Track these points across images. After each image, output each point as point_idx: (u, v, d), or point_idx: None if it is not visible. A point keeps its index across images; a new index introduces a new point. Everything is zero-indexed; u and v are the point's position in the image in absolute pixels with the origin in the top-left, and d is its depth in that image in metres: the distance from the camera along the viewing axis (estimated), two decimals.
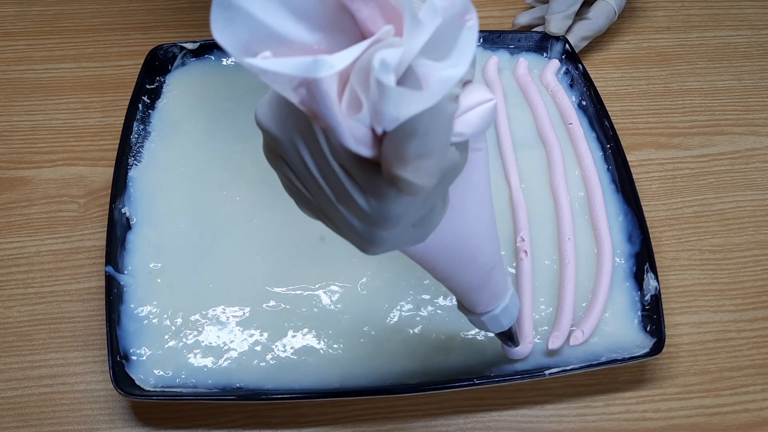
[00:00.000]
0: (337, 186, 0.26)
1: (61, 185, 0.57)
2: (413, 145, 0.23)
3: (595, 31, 0.65)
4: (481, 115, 0.27)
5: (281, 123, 0.26)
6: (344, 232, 0.29)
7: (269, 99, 0.26)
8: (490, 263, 0.36)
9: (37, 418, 0.48)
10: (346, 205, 0.26)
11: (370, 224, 0.27)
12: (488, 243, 0.35)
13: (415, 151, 0.23)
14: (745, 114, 0.64)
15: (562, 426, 0.48)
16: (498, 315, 0.40)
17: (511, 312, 0.41)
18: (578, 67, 0.61)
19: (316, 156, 0.25)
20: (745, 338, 0.52)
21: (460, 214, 0.32)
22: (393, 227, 0.27)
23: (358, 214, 0.26)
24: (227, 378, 0.47)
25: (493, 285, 0.38)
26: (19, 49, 0.66)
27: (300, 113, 0.24)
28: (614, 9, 0.65)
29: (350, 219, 0.27)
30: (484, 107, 0.27)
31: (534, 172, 0.57)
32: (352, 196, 0.26)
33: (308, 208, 0.29)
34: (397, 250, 0.31)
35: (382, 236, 0.28)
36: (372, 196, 0.25)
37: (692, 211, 0.58)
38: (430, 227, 0.30)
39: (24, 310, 0.52)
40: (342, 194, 0.26)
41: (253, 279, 0.51)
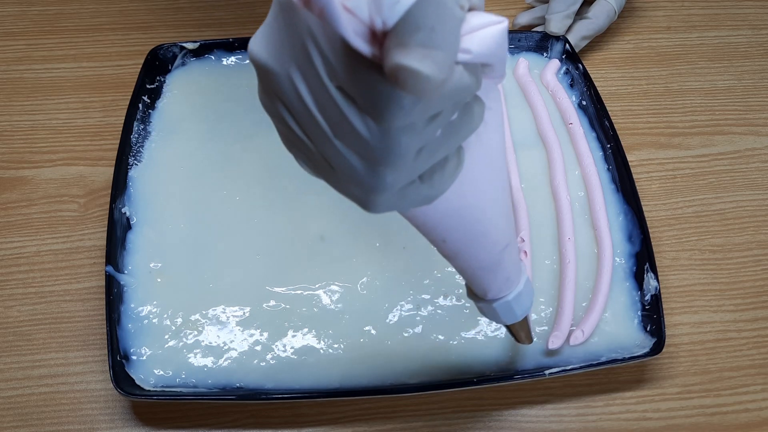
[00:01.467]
0: (334, 115, 0.24)
1: (62, 185, 0.57)
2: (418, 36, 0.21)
3: (595, 31, 0.65)
4: (490, 34, 0.25)
5: (276, 53, 0.25)
6: (345, 184, 0.27)
7: (263, 31, 0.25)
8: (504, 241, 0.34)
9: (38, 418, 0.48)
10: (344, 138, 0.25)
11: (372, 160, 0.25)
12: (502, 217, 0.33)
13: (420, 40, 0.21)
14: (745, 114, 0.64)
15: (562, 426, 0.48)
16: (511, 302, 0.37)
17: (524, 300, 0.38)
18: (578, 67, 0.61)
19: (313, 83, 0.24)
20: (745, 338, 0.52)
21: (472, 178, 0.30)
22: (396, 161, 0.25)
23: (358, 148, 0.25)
24: (227, 378, 0.47)
25: (505, 267, 0.36)
26: (19, 49, 0.66)
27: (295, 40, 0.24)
28: (614, 8, 0.65)
29: (350, 158, 0.26)
30: (494, 28, 0.25)
31: (534, 172, 0.57)
32: (350, 122, 0.24)
33: (307, 159, 0.28)
34: (403, 212, 0.30)
35: (385, 179, 0.26)
36: (372, 113, 0.24)
37: (692, 211, 0.58)
38: (440, 184, 0.28)
39: (24, 309, 0.52)
40: (340, 125, 0.25)
41: (253, 279, 0.51)
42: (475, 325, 0.49)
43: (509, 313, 0.38)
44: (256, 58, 0.25)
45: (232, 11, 0.69)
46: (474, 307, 0.50)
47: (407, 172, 0.26)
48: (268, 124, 0.29)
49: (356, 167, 0.26)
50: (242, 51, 0.62)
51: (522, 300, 0.38)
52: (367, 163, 0.26)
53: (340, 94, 0.24)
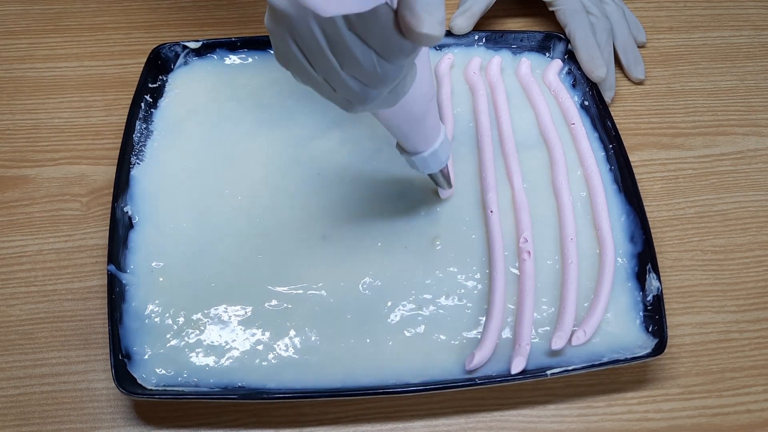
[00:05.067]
0: (346, 55, 0.31)
1: (64, 184, 0.58)
2: (422, 4, 0.29)
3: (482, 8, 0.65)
4: None
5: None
6: (332, 94, 0.34)
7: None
8: (431, 92, 0.43)
9: (39, 417, 0.48)
10: (351, 71, 0.32)
11: (371, 86, 0.33)
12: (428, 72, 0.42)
13: (425, 9, 0.29)
14: (748, 114, 0.64)
15: (563, 426, 0.48)
16: (438, 150, 0.46)
17: (446, 147, 0.47)
18: (580, 67, 0.61)
19: (328, 29, 0.29)
20: (748, 339, 0.52)
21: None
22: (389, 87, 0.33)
23: (364, 77, 0.32)
24: (229, 377, 0.47)
25: (432, 116, 0.44)
26: (21, 48, 0.66)
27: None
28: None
29: (350, 83, 0.32)
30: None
31: (536, 173, 0.57)
32: (360, 62, 0.31)
33: (301, 75, 0.33)
34: None
35: (373, 96, 0.34)
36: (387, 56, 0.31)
37: (694, 212, 0.58)
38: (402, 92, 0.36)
39: (26, 308, 0.52)
40: (350, 62, 0.31)
41: (255, 278, 0.51)
42: (476, 326, 0.49)
43: (437, 160, 0.48)
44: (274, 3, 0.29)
45: (234, 10, 0.69)
46: (475, 307, 0.50)
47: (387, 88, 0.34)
48: (270, 124, 0.30)
49: (353, 88, 0.33)
50: (245, 50, 0.62)
51: (444, 147, 0.47)
52: (364, 85, 0.33)
53: (355, 37, 0.30)
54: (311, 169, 0.56)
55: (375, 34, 0.30)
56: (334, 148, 0.57)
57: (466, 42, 0.64)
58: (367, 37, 0.30)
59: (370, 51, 0.31)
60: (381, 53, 0.31)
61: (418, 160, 0.47)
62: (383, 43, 0.31)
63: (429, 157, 0.47)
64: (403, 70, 0.34)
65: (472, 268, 0.52)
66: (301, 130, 0.57)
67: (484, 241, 0.53)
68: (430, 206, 0.55)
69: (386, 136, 0.53)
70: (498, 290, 0.50)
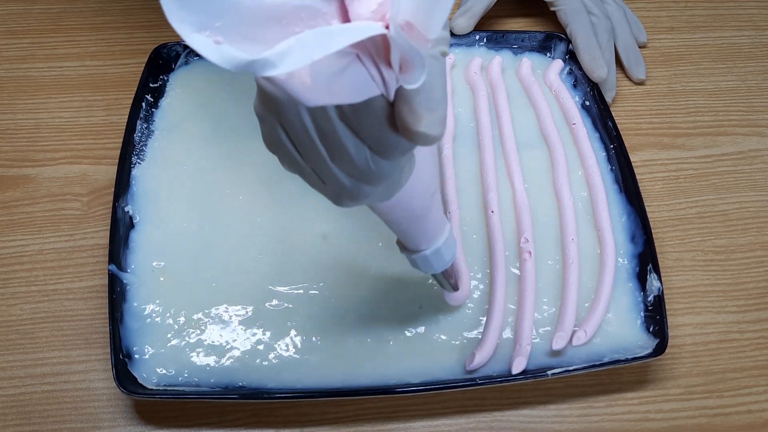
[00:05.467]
0: (337, 147, 0.28)
1: (65, 183, 0.58)
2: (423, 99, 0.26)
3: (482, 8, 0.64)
4: None
5: None
6: (323, 187, 0.31)
7: None
8: (433, 186, 0.38)
9: (40, 416, 0.48)
10: (342, 164, 0.29)
11: (363, 182, 0.30)
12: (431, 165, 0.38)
13: (425, 104, 0.26)
14: (749, 115, 0.64)
15: (564, 426, 0.48)
16: (441, 248, 0.41)
17: (451, 245, 0.42)
18: (581, 67, 0.61)
19: (319, 118, 0.27)
20: (748, 339, 0.52)
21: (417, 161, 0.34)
22: (382, 184, 0.30)
23: (353, 172, 0.29)
24: (229, 377, 0.47)
25: (434, 213, 0.40)
26: (22, 48, 0.66)
27: None
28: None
29: (340, 177, 0.29)
30: None
31: (537, 173, 0.57)
32: (350, 153, 0.28)
33: (289, 163, 0.31)
34: None
35: (365, 192, 0.31)
36: (380, 153, 0.28)
37: (695, 212, 0.58)
38: (398, 187, 0.33)
39: (27, 308, 0.52)
40: (341, 155, 0.28)
41: (255, 278, 0.51)
42: (477, 326, 0.49)
43: (440, 260, 0.42)
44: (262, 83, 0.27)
45: None
46: (476, 307, 0.50)
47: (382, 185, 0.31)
48: None
49: (344, 182, 0.30)
50: None
51: (449, 245, 0.42)
52: (355, 181, 0.30)
53: (348, 129, 0.27)
54: None
55: (368, 127, 0.27)
56: None
57: (467, 42, 0.64)
58: (360, 131, 0.27)
59: (363, 145, 0.28)
60: (375, 148, 0.28)
61: (419, 259, 0.42)
62: (377, 138, 0.28)
63: (431, 255, 0.42)
64: (399, 167, 0.31)
65: (473, 267, 0.52)
66: None
67: (485, 241, 0.53)
68: None
69: None
70: (499, 290, 0.50)
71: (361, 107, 0.26)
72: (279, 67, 0.21)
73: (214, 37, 0.22)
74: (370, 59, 0.25)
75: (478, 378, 0.47)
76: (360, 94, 0.25)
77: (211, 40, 0.22)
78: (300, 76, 0.24)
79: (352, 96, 0.25)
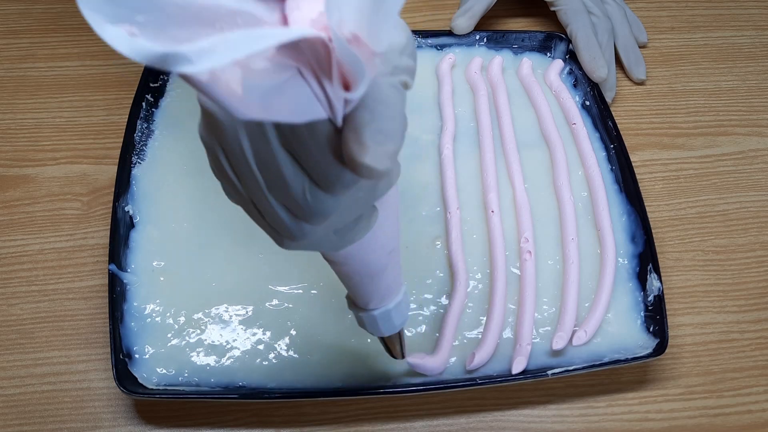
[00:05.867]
0: (274, 175, 0.26)
1: (65, 183, 0.58)
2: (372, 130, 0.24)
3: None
4: None
5: None
6: (263, 223, 0.29)
7: None
8: (391, 245, 0.35)
9: (40, 416, 0.48)
10: (279, 196, 0.27)
11: (301, 217, 0.27)
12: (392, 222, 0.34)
13: (374, 136, 0.24)
14: (749, 115, 0.64)
15: (564, 426, 0.48)
16: (391, 311, 0.38)
17: (403, 310, 0.39)
18: (581, 67, 0.61)
19: (258, 141, 0.25)
20: (748, 339, 0.52)
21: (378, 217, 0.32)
22: (321, 222, 0.27)
23: (292, 206, 0.27)
24: (230, 377, 0.47)
25: (390, 273, 0.36)
26: (23, 47, 0.66)
27: None
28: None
29: (278, 211, 0.27)
30: None
31: (537, 172, 0.57)
32: (289, 185, 0.26)
33: (234, 193, 0.28)
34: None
35: (305, 231, 0.28)
36: (321, 185, 0.26)
37: (696, 212, 0.58)
38: (351, 239, 0.30)
39: (27, 307, 0.52)
40: (278, 184, 0.26)
41: (255, 278, 0.51)
42: (477, 325, 0.49)
43: (388, 323, 0.39)
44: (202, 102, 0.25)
45: None
46: (476, 307, 0.50)
47: (325, 230, 0.29)
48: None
49: (283, 219, 0.27)
50: None
51: (401, 309, 0.39)
52: (294, 217, 0.27)
53: (288, 156, 0.25)
54: None
55: (310, 154, 0.25)
56: None
57: (468, 42, 0.64)
58: (301, 157, 0.25)
59: (303, 175, 0.26)
60: (315, 178, 0.26)
61: (366, 318, 0.39)
62: (319, 167, 0.25)
63: (379, 317, 0.38)
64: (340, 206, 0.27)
65: (473, 267, 0.52)
66: None
67: (485, 241, 0.53)
68: (431, 206, 0.55)
69: None
70: (499, 290, 0.50)
71: (304, 130, 0.24)
72: (196, 63, 0.19)
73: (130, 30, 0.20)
74: (312, 75, 0.23)
75: (478, 378, 0.47)
76: (301, 114, 0.23)
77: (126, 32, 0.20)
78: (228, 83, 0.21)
79: (291, 115, 0.23)
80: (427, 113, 0.60)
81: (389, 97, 0.25)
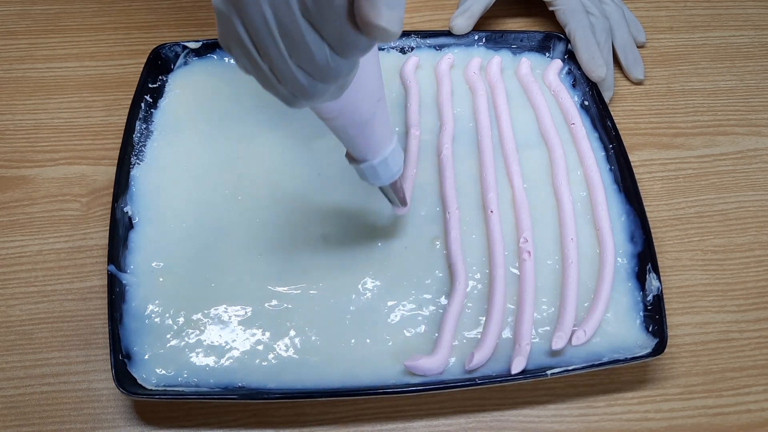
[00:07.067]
0: (297, 42, 0.28)
1: (64, 184, 0.58)
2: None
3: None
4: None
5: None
6: (275, 86, 0.31)
7: None
8: (378, 93, 0.39)
9: (39, 417, 0.48)
10: (299, 59, 0.29)
11: (319, 79, 0.30)
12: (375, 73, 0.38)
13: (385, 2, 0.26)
14: (748, 114, 0.64)
15: (563, 426, 0.48)
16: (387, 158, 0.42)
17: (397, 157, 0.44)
18: (580, 67, 0.61)
19: (281, 10, 0.27)
20: (748, 339, 0.52)
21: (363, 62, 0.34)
22: (337, 82, 0.31)
23: (312, 70, 0.29)
24: (229, 377, 0.47)
25: (380, 120, 0.40)
26: (21, 48, 0.66)
27: None
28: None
29: (297, 74, 0.30)
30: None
31: (536, 172, 0.57)
32: (310, 49, 0.28)
33: (245, 62, 0.30)
34: None
35: (320, 90, 0.31)
36: (339, 50, 0.29)
37: (695, 212, 0.58)
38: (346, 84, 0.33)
39: (26, 308, 0.52)
40: (298, 48, 0.28)
41: (255, 278, 0.51)
42: (476, 325, 0.49)
43: (387, 170, 0.44)
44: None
45: None
46: (475, 307, 0.50)
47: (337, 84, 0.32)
48: (270, 124, 0.30)
49: (300, 80, 0.30)
50: None
51: (396, 156, 0.43)
52: (312, 79, 0.30)
53: (309, 25, 0.27)
54: (311, 169, 0.56)
55: (330, 22, 0.27)
56: (334, 148, 0.57)
57: (466, 42, 0.64)
58: (322, 26, 0.28)
59: (324, 42, 0.28)
60: (335, 45, 0.28)
61: (366, 169, 0.43)
62: (338, 34, 0.28)
63: (378, 165, 0.43)
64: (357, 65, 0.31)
65: (472, 268, 0.52)
66: (301, 130, 0.57)
67: (484, 241, 0.53)
68: (430, 206, 0.55)
69: None
70: (498, 290, 0.50)
71: (323, 2, 0.27)
72: None
73: None
74: None
75: (478, 378, 0.47)
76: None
77: None
78: None
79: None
80: (426, 113, 0.60)
81: None
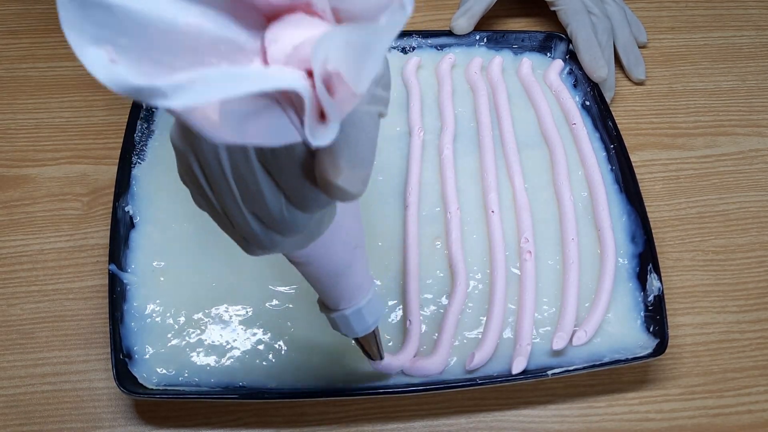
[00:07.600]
0: (251, 189, 0.26)
1: (65, 183, 0.58)
2: (347, 155, 0.25)
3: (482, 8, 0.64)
4: None
5: None
6: (230, 229, 0.29)
7: None
8: (355, 241, 0.35)
9: (40, 416, 0.48)
10: (252, 207, 0.27)
11: (275, 230, 0.27)
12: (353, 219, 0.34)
13: (348, 160, 0.25)
14: (749, 115, 0.64)
15: (564, 426, 0.48)
16: (362, 309, 0.38)
17: (374, 308, 0.38)
18: (581, 67, 0.61)
19: (237, 156, 0.25)
20: (749, 339, 0.52)
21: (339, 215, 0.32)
22: (295, 235, 0.28)
23: (265, 219, 0.27)
24: (230, 377, 0.47)
25: (357, 270, 0.36)
26: (23, 47, 0.66)
27: None
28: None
29: (251, 222, 0.27)
30: None
31: (537, 173, 0.57)
32: (266, 200, 0.26)
33: (203, 201, 0.28)
34: None
35: (276, 241, 0.28)
36: (297, 204, 0.26)
37: (696, 212, 0.58)
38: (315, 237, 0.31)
39: (27, 308, 0.52)
40: (254, 198, 0.26)
41: (255, 278, 0.51)
42: (477, 325, 0.49)
43: (361, 322, 0.38)
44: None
45: None
46: (476, 307, 0.50)
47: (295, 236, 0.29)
48: None
49: (255, 230, 0.28)
50: None
51: (372, 307, 0.38)
52: (267, 229, 0.28)
53: (265, 172, 0.25)
54: None
55: (287, 174, 0.25)
56: None
57: (467, 42, 0.64)
58: (279, 176, 0.25)
59: (280, 192, 0.26)
60: (291, 197, 0.26)
61: (338, 319, 0.38)
62: (295, 186, 0.26)
63: (351, 316, 0.38)
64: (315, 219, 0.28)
65: (473, 267, 0.52)
66: None
67: (485, 241, 0.53)
68: (431, 206, 0.55)
69: (385, 137, 0.53)
70: (499, 290, 0.50)
71: (281, 152, 0.24)
72: (171, 99, 0.19)
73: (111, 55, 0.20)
74: (289, 104, 0.23)
75: (478, 378, 0.47)
76: (277, 138, 0.23)
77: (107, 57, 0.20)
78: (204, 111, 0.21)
79: (268, 139, 0.22)
80: (427, 113, 0.60)
81: (365, 124, 0.25)
